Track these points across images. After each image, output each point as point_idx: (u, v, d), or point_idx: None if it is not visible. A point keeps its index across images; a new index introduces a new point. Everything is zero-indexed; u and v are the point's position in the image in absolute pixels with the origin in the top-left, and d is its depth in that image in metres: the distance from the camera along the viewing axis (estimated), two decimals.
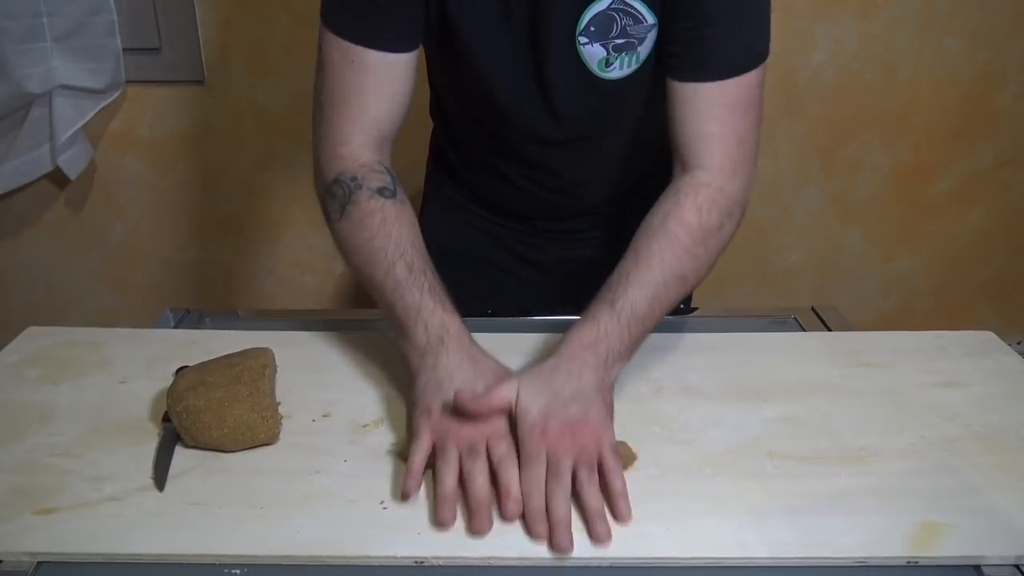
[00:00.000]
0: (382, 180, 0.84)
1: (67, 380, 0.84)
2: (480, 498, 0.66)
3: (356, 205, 0.83)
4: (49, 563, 0.64)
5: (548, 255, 1.12)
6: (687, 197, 0.82)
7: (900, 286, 1.97)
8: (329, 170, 0.85)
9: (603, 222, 1.10)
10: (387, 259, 0.80)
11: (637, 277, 0.78)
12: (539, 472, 0.67)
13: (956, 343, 0.92)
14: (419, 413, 0.73)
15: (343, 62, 0.83)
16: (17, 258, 1.85)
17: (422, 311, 0.77)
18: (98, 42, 1.56)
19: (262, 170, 1.77)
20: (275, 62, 1.66)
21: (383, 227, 0.81)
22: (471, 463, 0.68)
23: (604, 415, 0.72)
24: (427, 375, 0.74)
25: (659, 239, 0.80)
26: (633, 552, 0.64)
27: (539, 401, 0.70)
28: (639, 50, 0.85)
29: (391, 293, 0.79)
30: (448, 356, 0.75)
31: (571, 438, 0.68)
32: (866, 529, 0.65)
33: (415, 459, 0.69)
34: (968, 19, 1.67)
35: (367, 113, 0.85)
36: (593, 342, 0.75)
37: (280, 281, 1.91)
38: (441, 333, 0.76)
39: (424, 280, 0.79)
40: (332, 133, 0.85)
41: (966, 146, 1.81)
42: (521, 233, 1.12)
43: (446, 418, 0.71)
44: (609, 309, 0.77)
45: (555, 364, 0.74)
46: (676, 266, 0.79)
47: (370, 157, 0.85)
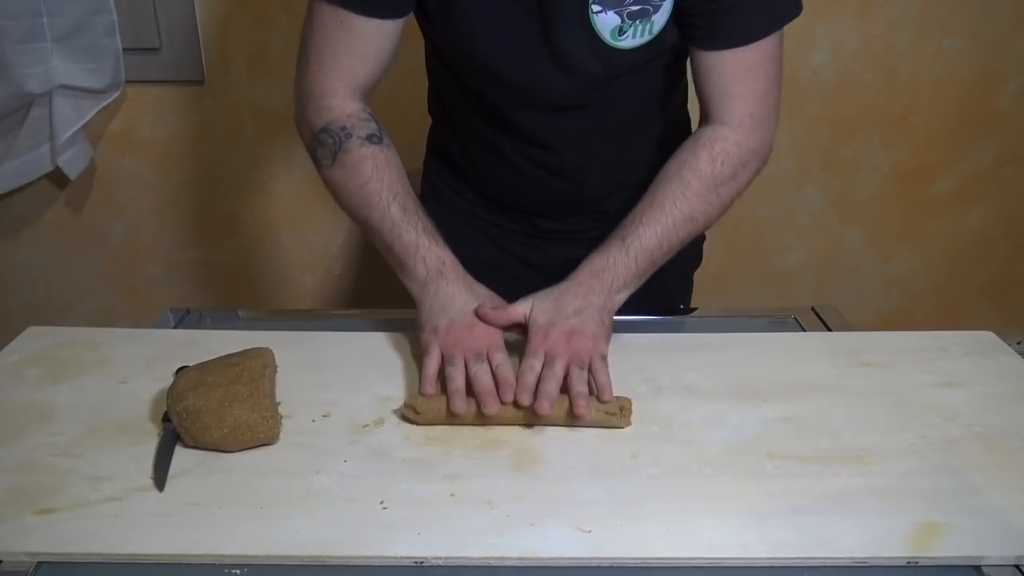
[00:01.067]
0: (370, 128, 0.89)
1: (67, 380, 0.84)
2: (485, 387, 0.77)
3: (348, 152, 0.88)
4: (49, 563, 0.64)
5: (546, 256, 1.12)
6: (703, 148, 0.89)
7: (900, 286, 1.97)
8: (317, 119, 0.90)
9: (602, 223, 1.09)
10: (382, 202, 0.87)
11: (648, 216, 0.87)
12: (535, 364, 0.79)
13: (956, 343, 0.92)
14: (427, 332, 0.84)
15: (332, 22, 0.87)
16: (17, 258, 1.85)
17: (419, 247, 0.86)
18: (98, 42, 1.56)
19: (262, 170, 1.77)
20: (275, 62, 1.66)
21: (376, 172, 0.88)
22: (477, 366, 0.79)
23: (600, 331, 0.83)
24: (430, 301, 0.85)
25: (672, 184, 0.88)
26: (633, 552, 0.64)
27: (547, 313, 0.83)
28: (654, 19, 0.85)
29: (388, 233, 0.87)
30: (448, 284, 0.85)
31: (567, 342, 0.80)
32: (866, 529, 0.66)
33: (429, 368, 0.80)
34: (968, 19, 1.67)
35: (352, 70, 0.89)
36: (600, 270, 0.85)
37: (280, 281, 1.90)
38: (439, 265, 0.86)
39: (418, 220, 0.87)
40: (317, 85, 0.90)
41: (966, 146, 1.81)
42: (519, 233, 1.11)
43: (452, 333, 0.82)
44: (619, 243, 0.87)
45: (565, 287, 0.85)
46: (686, 208, 0.87)
47: (356, 107, 0.90)
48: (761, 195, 1.78)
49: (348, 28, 0.86)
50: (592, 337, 0.81)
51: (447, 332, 0.82)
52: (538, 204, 1.08)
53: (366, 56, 0.89)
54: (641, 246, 0.86)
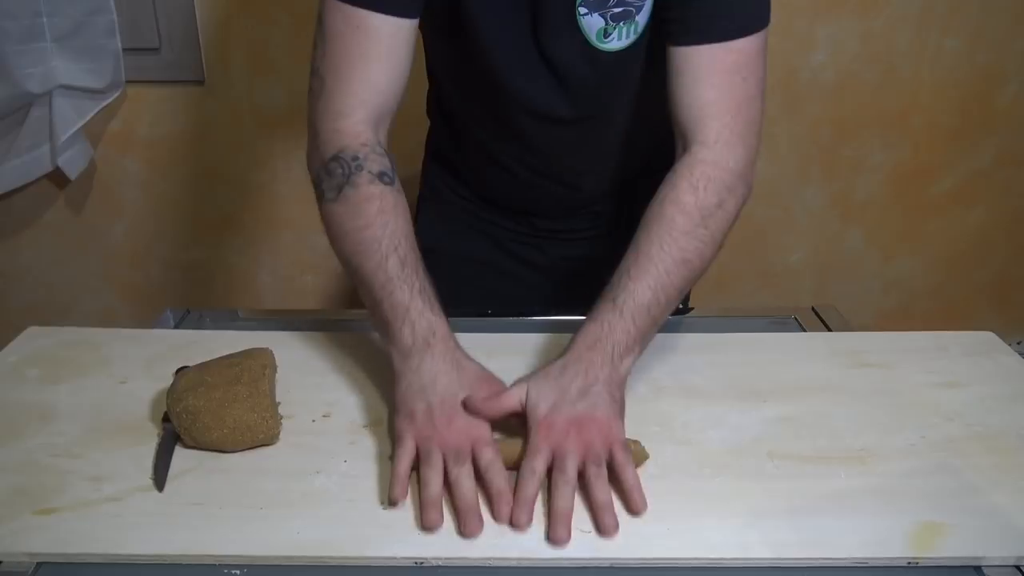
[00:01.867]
0: (383, 164, 0.81)
1: (67, 380, 0.84)
2: (468, 502, 0.65)
3: (355, 188, 0.79)
4: (49, 563, 0.63)
5: (546, 256, 1.12)
6: (682, 178, 0.81)
7: (900, 286, 1.97)
8: (329, 145, 0.82)
9: (601, 222, 1.09)
10: (380, 251, 0.78)
11: (637, 270, 0.77)
12: (538, 465, 0.67)
13: (956, 343, 0.92)
14: (401, 418, 0.72)
15: (347, 28, 0.80)
16: (17, 258, 1.85)
17: (410, 311, 0.76)
18: (98, 42, 1.56)
19: (262, 170, 1.77)
20: (275, 62, 1.66)
21: (380, 216, 0.79)
22: (457, 468, 0.67)
23: (613, 411, 0.71)
24: (410, 378, 0.73)
25: (656, 226, 0.79)
26: (633, 552, 0.64)
27: (548, 399, 0.71)
28: (637, 19, 0.85)
29: (380, 288, 0.77)
30: (433, 360, 0.73)
31: (577, 434, 0.68)
32: (866, 529, 0.65)
33: (400, 465, 0.69)
34: (968, 19, 1.67)
35: (369, 82, 0.82)
36: (596, 340, 0.74)
37: (280, 281, 1.90)
38: (427, 336, 0.75)
39: (416, 279, 0.77)
40: (333, 105, 0.82)
41: (966, 146, 1.81)
42: (518, 233, 1.11)
43: (430, 422, 0.70)
44: (611, 306, 0.76)
45: (563, 365, 0.74)
46: (676, 251, 0.78)
47: (371, 137, 0.82)
48: (761, 195, 1.77)
49: (364, 31, 0.80)
50: (606, 422, 0.70)
51: (425, 420, 0.70)
52: (536, 206, 1.08)
53: (383, 63, 0.82)
54: (635, 304, 0.76)
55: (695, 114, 0.82)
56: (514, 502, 0.66)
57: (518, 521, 0.65)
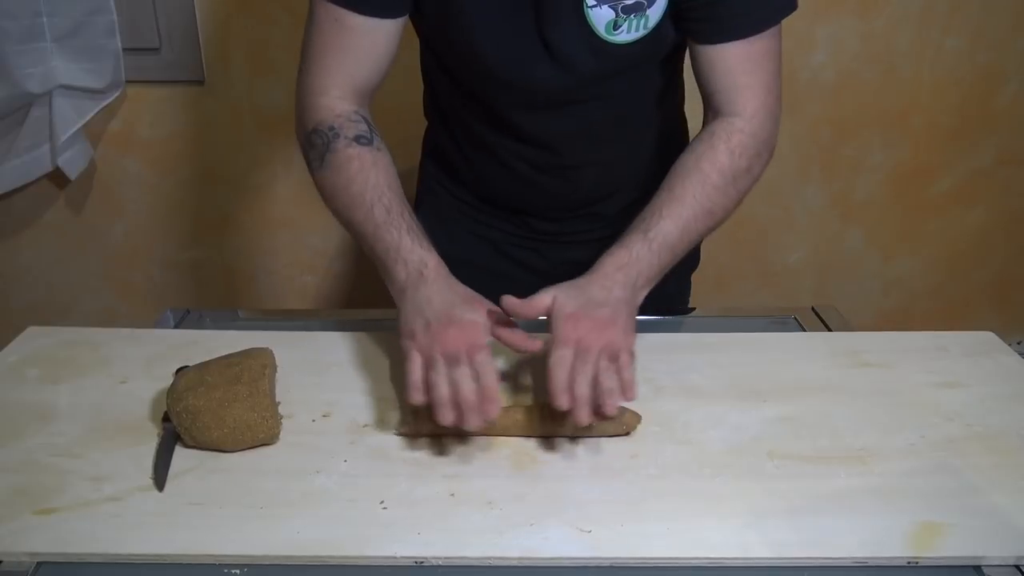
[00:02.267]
0: (358, 128, 0.88)
1: (67, 380, 0.84)
2: (468, 399, 0.72)
3: (334, 153, 0.86)
4: (49, 563, 0.64)
5: (544, 259, 1.12)
6: (720, 140, 0.87)
7: (900, 286, 1.97)
8: (308, 120, 0.89)
9: (600, 224, 1.09)
10: (366, 203, 0.84)
11: (670, 210, 0.85)
12: (566, 354, 0.74)
13: (956, 343, 0.92)
14: (404, 338, 0.79)
15: (327, 20, 0.87)
16: (17, 258, 1.85)
17: (401, 250, 0.82)
18: (98, 42, 1.56)
19: (262, 170, 1.77)
20: (275, 62, 1.66)
21: (361, 173, 0.85)
22: (456, 371, 0.74)
23: (628, 325, 0.79)
24: (408, 304, 0.80)
25: (692, 177, 0.86)
26: (633, 552, 0.64)
27: (574, 301, 0.78)
28: (648, 13, 0.85)
29: (371, 235, 0.84)
30: (427, 286, 0.80)
31: (599, 333, 0.76)
32: (866, 529, 0.66)
33: (412, 374, 0.75)
34: (968, 19, 1.67)
35: (345, 70, 0.88)
36: (625, 264, 0.82)
37: (280, 281, 1.90)
38: (420, 268, 0.81)
39: (402, 221, 0.83)
40: (311, 84, 0.89)
41: (966, 146, 1.81)
42: (517, 236, 1.11)
43: (428, 335, 0.76)
44: (642, 237, 0.83)
45: (589, 279, 0.81)
46: (706, 202, 0.86)
47: (346, 107, 0.88)
48: (761, 195, 1.77)
49: (344, 27, 0.86)
50: (624, 329, 0.77)
51: (424, 334, 0.77)
52: (534, 206, 1.08)
53: (362, 56, 0.88)
54: (664, 240, 0.83)
55: (729, 95, 0.88)
56: (550, 386, 0.73)
57: (559, 403, 0.72)
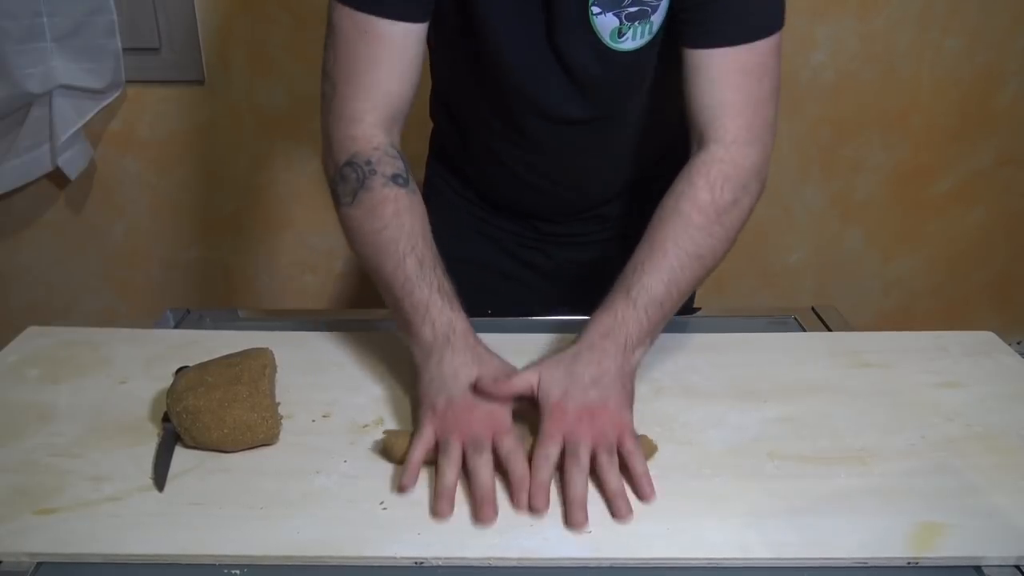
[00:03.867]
0: (396, 167, 0.82)
1: (67, 380, 0.84)
2: (485, 491, 0.67)
3: (369, 192, 0.81)
4: (49, 563, 0.64)
5: (550, 259, 1.11)
6: (699, 175, 0.82)
7: (900, 286, 1.97)
8: (342, 151, 0.83)
9: (607, 225, 1.09)
10: (398, 252, 0.79)
11: (652, 264, 0.79)
12: (552, 451, 0.69)
13: (956, 343, 0.92)
14: (423, 411, 0.74)
15: (355, 33, 0.81)
16: (17, 258, 1.85)
17: (431, 309, 0.77)
18: (98, 42, 1.56)
19: (262, 170, 1.77)
20: (275, 62, 1.66)
21: (396, 218, 0.80)
22: (476, 457, 0.68)
23: (623, 401, 0.73)
24: (432, 372, 0.75)
25: (672, 222, 0.80)
26: (633, 552, 0.64)
27: (560, 385, 0.72)
28: (652, 19, 0.84)
29: (399, 288, 0.79)
30: (454, 354, 0.75)
31: (590, 422, 0.70)
32: (866, 529, 0.65)
33: (415, 453, 0.70)
34: (968, 19, 1.67)
35: (380, 86, 0.82)
36: (610, 330, 0.76)
37: (280, 281, 1.90)
38: (448, 332, 0.76)
39: (434, 277, 0.79)
40: (344, 110, 0.83)
41: (966, 146, 1.81)
42: (523, 237, 1.11)
43: (450, 414, 0.71)
44: (624, 297, 0.78)
45: (576, 352, 0.75)
46: (690, 247, 0.80)
47: (383, 140, 0.83)
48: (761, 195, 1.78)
49: (372, 36, 0.81)
50: (617, 411, 0.72)
51: (445, 412, 0.71)
52: (540, 208, 1.08)
53: (393, 67, 0.82)
54: (649, 297, 0.77)
55: (712, 114, 0.83)
56: (531, 488, 0.67)
57: (537, 505, 0.66)
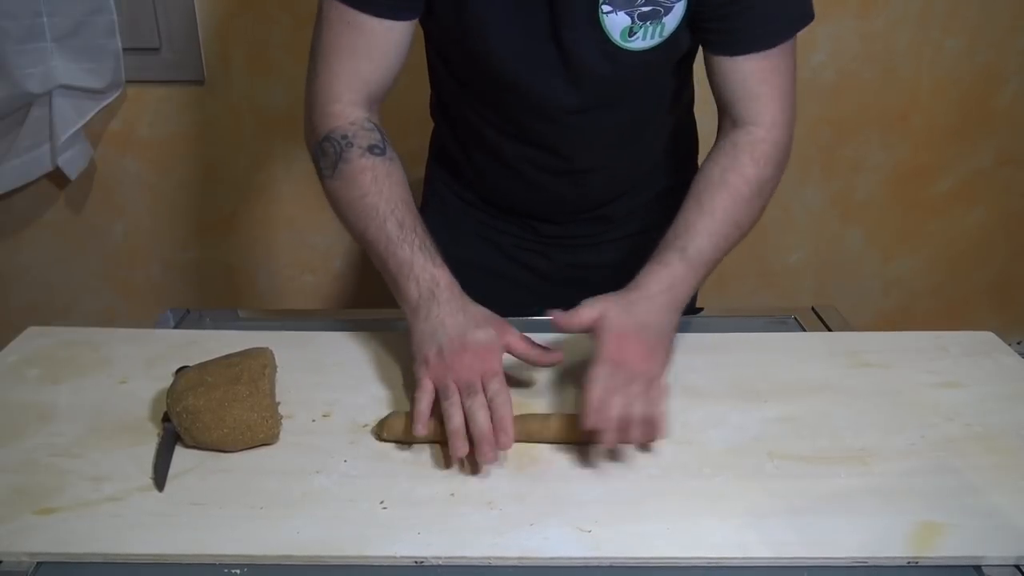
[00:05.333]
0: (372, 138, 0.86)
1: (67, 380, 0.84)
2: (482, 431, 0.71)
3: (348, 163, 0.85)
4: (49, 563, 0.64)
5: (550, 262, 1.11)
6: (745, 153, 0.88)
7: (900, 286, 1.97)
8: (320, 126, 0.87)
9: (606, 228, 1.09)
10: (379, 216, 0.83)
11: (704, 226, 0.85)
12: (606, 371, 0.74)
13: (956, 343, 0.92)
14: (417, 364, 0.78)
15: (339, 22, 0.85)
16: (17, 258, 1.85)
17: (413, 267, 0.81)
18: (98, 42, 1.56)
19: (262, 170, 1.77)
20: (275, 62, 1.66)
21: (374, 184, 0.84)
22: (470, 400, 0.73)
23: (666, 356, 0.81)
24: (420, 326, 0.79)
25: (721, 191, 0.86)
26: (633, 552, 0.64)
27: (622, 319, 0.78)
28: (664, 21, 0.85)
29: (383, 250, 0.83)
30: (439, 307, 0.79)
31: (642, 359, 0.77)
32: (866, 529, 0.66)
33: (420, 403, 0.74)
34: (968, 19, 1.67)
35: (358, 74, 0.86)
36: (669, 286, 0.82)
37: (280, 281, 1.90)
38: (432, 287, 0.80)
39: (415, 236, 0.83)
40: (323, 90, 0.87)
41: (966, 146, 1.81)
42: (523, 239, 1.10)
43: (442, 362, 0.76)
44: (680, 256, 0.83)
45: (635, 297, 0.81)
46: (736, 215, 0.86)
47: (360, 115, 0.87)
48: None
49: (355, 28, 0.84)
50: (663, 361, 0.79)
51: (437, 361, 0.76)
52: (541, 208, 1.07)
53: (373, 58, 0.86)
54: (700, 258, 0.84)
55: (748, 104, 0.88)
56: (585, 402, 0.72)
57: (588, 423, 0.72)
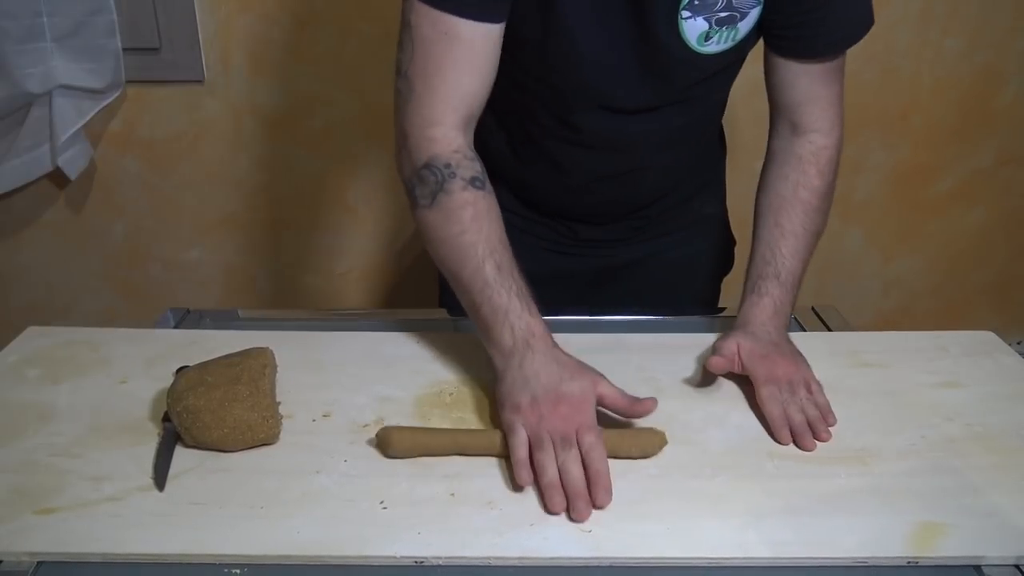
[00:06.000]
0: (474, 169, 0.83)
1: (67, 380, 0.84)
2: (576, 487, 0.68)
3: (449, 195, 0.81)
4: (49, 563, 0.64)
5: (584, 264, 1.11)
6: (810, 164, 0.91)
7: (900, 286, 1.96)
8: (420, 152, 0.83)
9: (641, 229, 1.08)
10: (477, 257, 0.80)
11: (789, 248, 0.89)
12: (775, 390, 0.79)
13: (956, 343, 0.92)
14: (508, 411, 0.75)
15: (435, 34, 0.80)
16: (17, 258, 1.85)
17: (509, 314, 0.78)
18: (98, 42, 1.56)
19: (262, 170, 1.77)
20: (275, 62, 1.66)
21: (475, 222, 0.81)
22: (564, 453, 0.70)
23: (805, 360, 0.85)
24: (514, 374, 0.77)
25: (796, 208, 0.90)
26: (633, 552, 0.64)
27: (757, 345, 0.83)
28: (739, 26, 0.85)
29: (479, 293, 0.80)
30: (533, 357, 0.77)
31: (795, 369, 0.82)
32: (866, 529, 0.66)
33: (519, 452, 0.72)
34: (968, 19, 1.67)
35: (460, 88, 0.82)
36: (774, 314, 0.87)
37: (280, 281, 1.90)
38: (527, 336, 0.78)
39: (512, 282, 0.80)
40: (423, 111, 0.82)
41: (966, 146, 1.80)
42: (558, 243, 1.09)
43: (536, 411, 0.74)
44: (776, 283, 0.88)
45: (752, 330, 0.85)
46: (813, 227, 0.91)
47: (462, 142, 0.83)
48: None
49: (453, 38, 0.80)
50: (805, 364, 0.84)
51: (531, 410, 0.74)
52: (583, 211, 1.06)
53: (474, 69, 0.82)
54: (793, 279, 0.89)
55: (807, 108, 0.91)
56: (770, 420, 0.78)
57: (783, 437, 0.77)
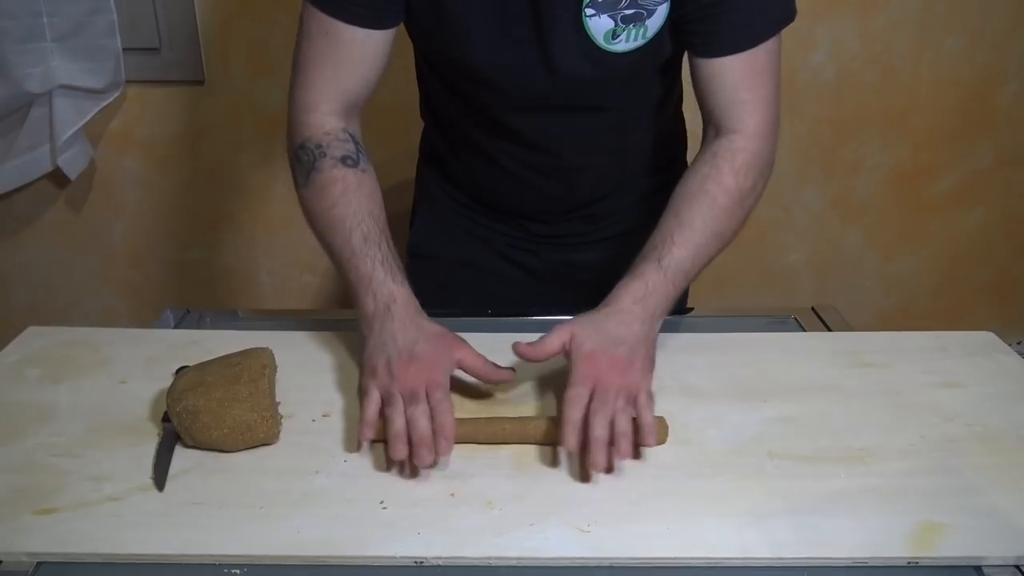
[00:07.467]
0: (345, 148, 0.87)
1: (67, 380, 0.84)
2: (422, 436, 0.71)
3: (320, 173, 0.86)
4: (49, 563, 0.64)
5: (541, 261, 1.12)
6: (725, 161, 0.87)
7: (900, 286, 1.97)
8: (296, 135, 0.88)
9: (596, 227, 1.09)
10: (345, 228, 0.84)
11: (681, 237, 0.84)
12: (583, 392, 0.74)
13: (956, 343, 0.92)
14: (366, 376, 0.79)
15: (318, 33, 0.86)
16: (17, 258, 1.85)
17: (372, 281, 0.82)
18: (98, 42, 1.56)
19: (262, 170, 1.77)
20: (275, 62, 1.66)
21: (344, 196, 0.85)
22: (413, 408, 0.73)
23: (647, 365, 0.79)
24: (374, 340, 0.80)
25: (699, 201, 0.85)
26: (633, 552, 0.64)
27: (592, 339, 0.78)
28: (647, 23, 0.85)
29: (346, 262, 0.84)
30: (392, 322, 0.80)
31: (618, 374, 0.76)
32: (866, 529, 0.66)
33: (367, 411, 0.75)
34: (968, 19, 1.67)
35: (336, 83, 0.87)
36: (642, 297, 0.81)
37: (280, 281, 1.90)
38: (388, 302, 0.81)
39: (378, 251, 0.83)
40: (300, 99, 0.88)
41: (966, 146, 1.81)
42: (513, 238, 1.11)
43: (389, 373, 0.76)
44: (655, 266, 0.82)
45: (607, 314, 0.80)
46: (715, 225, 0.85)
47: (335, 124, 0.88)
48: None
49: (334, 37, 0.85)
50: (642, 370, 0.77)
51: (385, 372, 0.76)
52: (530, 207, 1.08)
53: (351, 68, 0.87)
54: (677, 268, 0.82)
55: (731, 111, 0.87)
56: (561, 423, 0.72)
57: (567, 444, 0.71)
